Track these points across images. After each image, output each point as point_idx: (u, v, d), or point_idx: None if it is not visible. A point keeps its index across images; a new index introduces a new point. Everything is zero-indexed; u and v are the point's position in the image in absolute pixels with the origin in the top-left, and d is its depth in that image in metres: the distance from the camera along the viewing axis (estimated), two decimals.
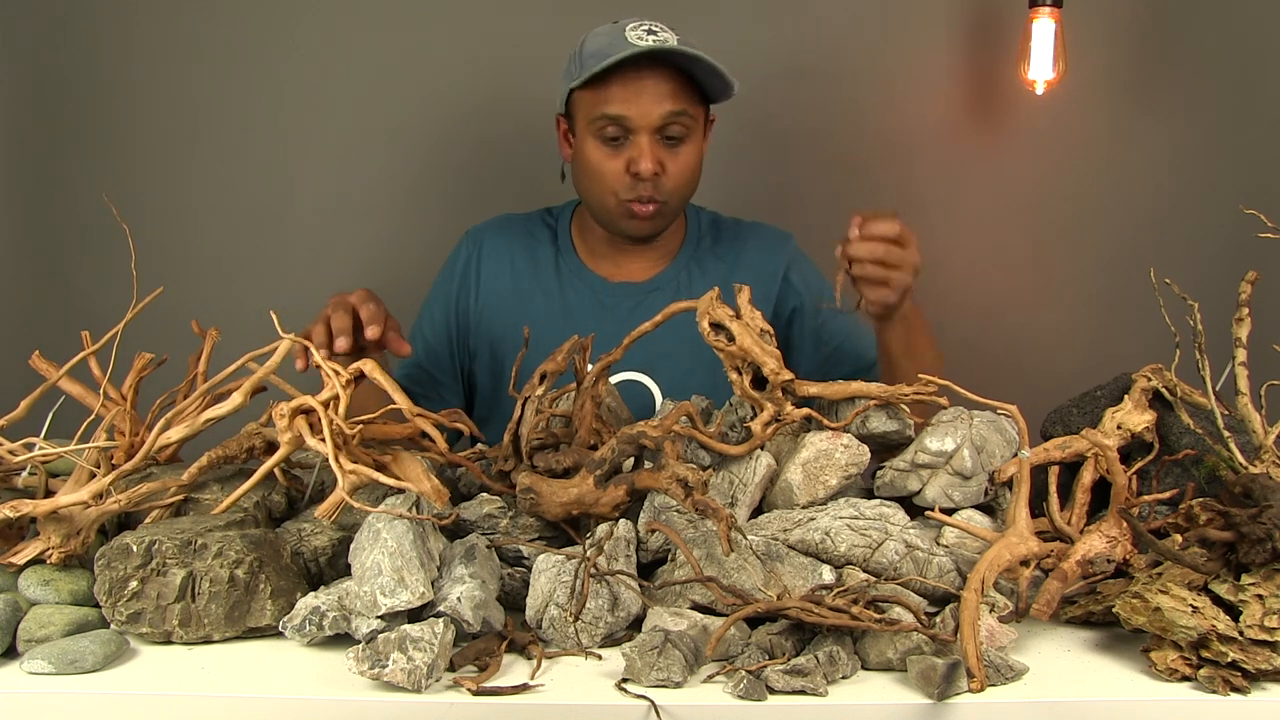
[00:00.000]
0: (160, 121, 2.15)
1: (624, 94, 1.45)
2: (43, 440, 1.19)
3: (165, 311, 1.26)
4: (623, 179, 1.48)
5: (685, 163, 1.50)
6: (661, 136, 1.47)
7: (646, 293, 1.59)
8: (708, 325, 1.20)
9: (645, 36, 1.44)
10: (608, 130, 1.47)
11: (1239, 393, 1.15)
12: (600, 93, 1.46)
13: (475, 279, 1.64)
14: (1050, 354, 2.18)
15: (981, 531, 1.06)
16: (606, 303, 1.58)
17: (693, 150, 1.51)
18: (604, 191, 1.51)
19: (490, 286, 1.63)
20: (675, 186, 1.51)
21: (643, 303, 1.57)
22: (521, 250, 1.65)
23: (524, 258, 1.64)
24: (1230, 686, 0.89)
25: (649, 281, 1.61)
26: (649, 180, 1.47)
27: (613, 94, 1.45)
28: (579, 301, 1.60)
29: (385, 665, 0.89)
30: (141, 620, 0.99)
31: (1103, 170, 2.20)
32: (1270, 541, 0.93)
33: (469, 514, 1.14)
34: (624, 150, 1.48)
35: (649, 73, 1.45)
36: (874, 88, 2.17)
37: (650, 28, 1.45)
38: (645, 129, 1.45)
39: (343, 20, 2.14)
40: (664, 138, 1.47)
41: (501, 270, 1.64)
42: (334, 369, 1.08)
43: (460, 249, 1.68)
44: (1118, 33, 2.16)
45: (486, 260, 1.65)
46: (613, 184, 1.49)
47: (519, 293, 1.62)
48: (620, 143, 1.47)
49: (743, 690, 0.88)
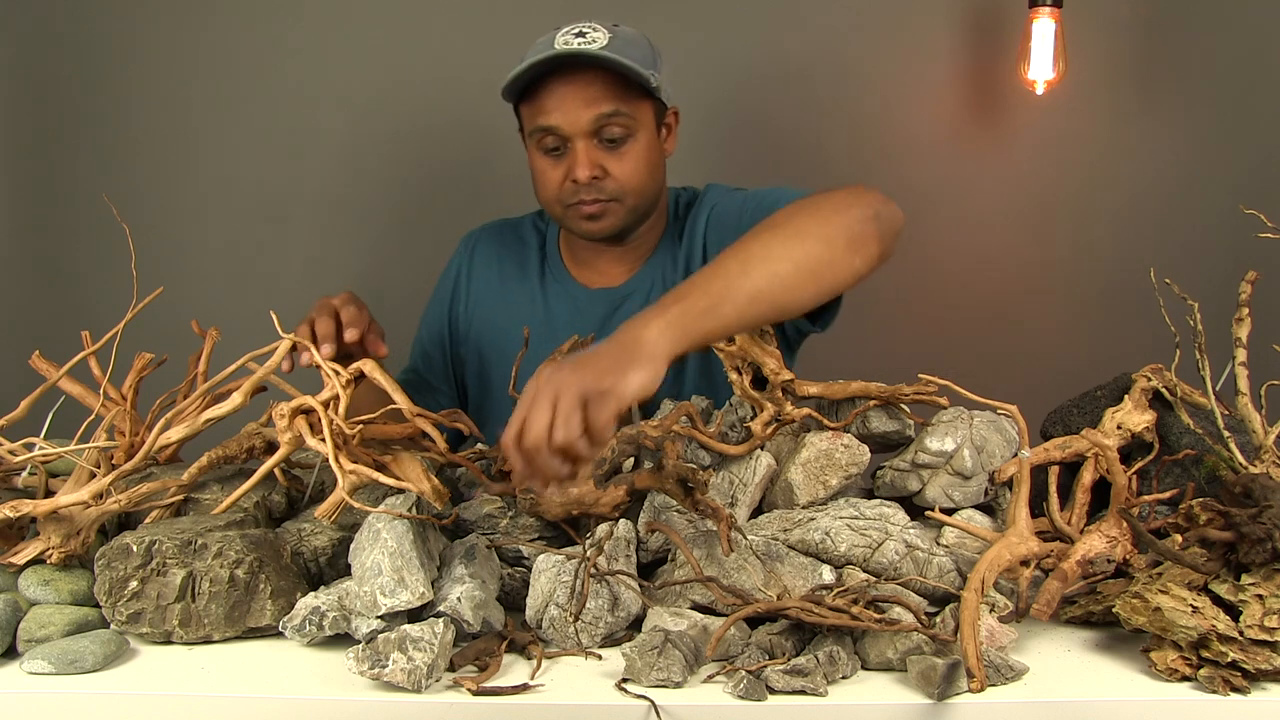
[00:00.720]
0: (160, 121, 2.15)
1: (553, 103, 1.40)
2: (43, 440, 1.19)
3: (165, 311, 1.26)
4: (565, 187, 1.44)
5: (631, 163, 1.44)
6: (600, 139, 1.42)
7: (622, 298, 1.55)
8: None
9: (572, 40, 1.38)
10: (546, 141, 1.43)
11: (1239, 393, 1.15)
12: (534, 105, 1.43)
13: (466, 287, 1.63)
14: (1050, 354, 2.18)
15: (981, 531, 1.06)
16: (585, 310, 1.55)
17: (640, 149, 1.45)
18: (551, 200, 1.48)
19: (479, 295, 1.62)
20: (621, 187, 1.45)
21: (619, 308, 1.53)
22: (511, 257, 1.63)
23: (512, 264, 1.62)
24: (1230, 686, 0.89)
25: (623, 286, 1.56)
26: (588, 185, 1.42)
27: (543, 104, 1.41)
28: (560, 309, 1.57)
29: (385, 665, 0.89)
30: (141, 620, 0.99)
31: (1102, 170, 2.20)
32: (1270, 541, 0.92)
33: (469, 514, 1.14)
34: (564, 160, 1.43)
35: (576, 77, 1.39)
36: (874, 88, 2.17)
37: (581, 29, 1.39)
38: (578, 134, 1.40)
39: (343, 20, 2.14)
40: (603, 140, 1.42)
41: (490, 277, 1.62)
42: (334, 369, 1.08)
43: (455, 256, 1.67)
44: (1118, 33, 2.16)
45: (477, 268, 1.63)
46: (555, 193, 1.46)
47: (506, 301, 1.60)
48: (560, 152, 1.43)
49: (743, 690, 0.88)
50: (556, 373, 0.92)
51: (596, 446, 0.91)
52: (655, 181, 1.50)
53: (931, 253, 2.19)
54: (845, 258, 1.08)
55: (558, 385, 0.90)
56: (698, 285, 1.01)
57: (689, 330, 0.97)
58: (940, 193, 2.19)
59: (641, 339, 0.95)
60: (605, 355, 0.94)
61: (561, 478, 0.91)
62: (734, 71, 1.52)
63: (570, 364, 0.93)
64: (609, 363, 0.92)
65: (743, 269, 1.02)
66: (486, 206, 1.83)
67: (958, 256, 2.19)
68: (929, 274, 2.18)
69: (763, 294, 1.02)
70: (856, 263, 1.08)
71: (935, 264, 2.19)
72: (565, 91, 1.40)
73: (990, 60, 2.16)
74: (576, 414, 0.89)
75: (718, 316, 1.00)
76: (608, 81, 1.40)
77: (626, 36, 1.42)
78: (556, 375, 0.91)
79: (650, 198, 1.51)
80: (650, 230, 1.57)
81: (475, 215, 1.76)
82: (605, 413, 0.90)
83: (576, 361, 0.93)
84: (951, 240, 2.19)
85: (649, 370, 0.93)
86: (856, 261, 1.08)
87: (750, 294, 1.01)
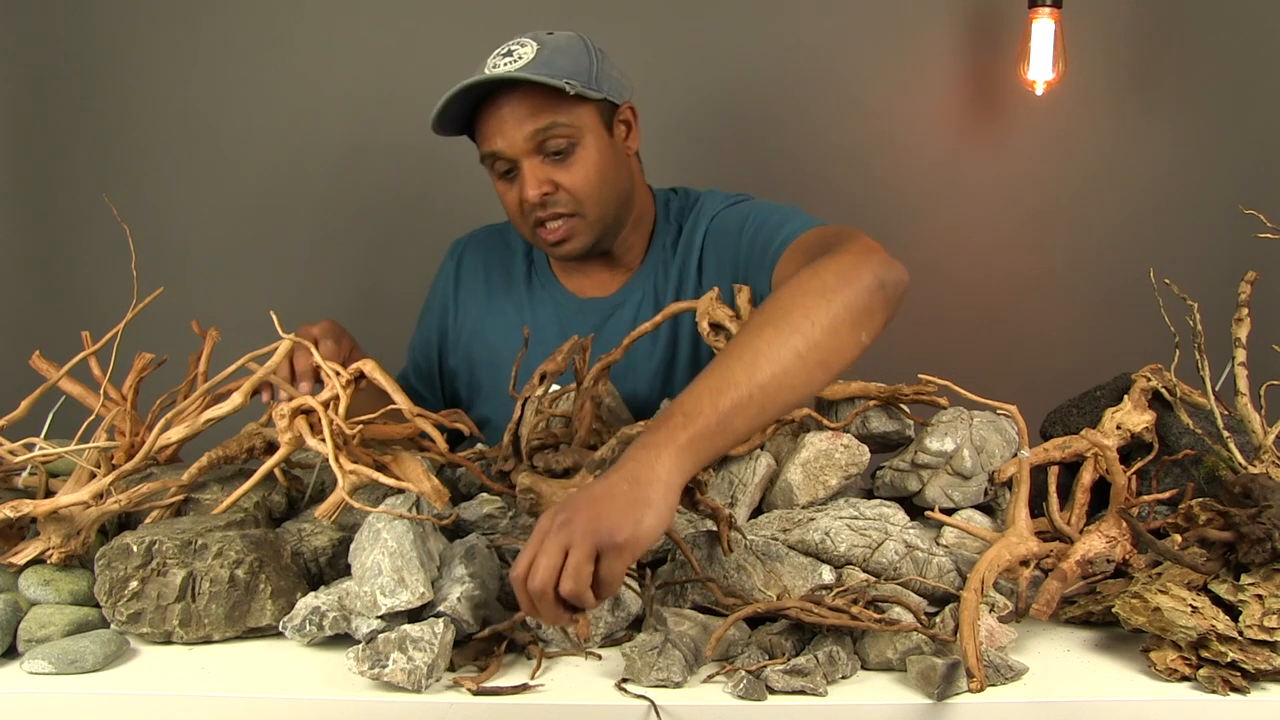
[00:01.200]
0: (160, 121, 2.16)
1: (491, 127, 1.38)
2: (43, 440, 1.19)
3: (165, 311, 1.26)
4: (524, 208, 1.41)
5: (581, 172, 1.39)
6: (545, 155, 1.38)
7: (614, 307, 1.52)
8: (708, 326, 1.20)
9: (499, 62, 1.36)
10: (498, 166, 1.41)
11: (1239, 393, 1.15)
12: (479, 132, 1.41)
13: (454, 298, 1.61)
14: (1050, 354, 2.18)
15: (981, 531, 1.06)
16: (574, 320, 1.52)
17: (589, 157, 1.40)
18: (518, 224, 1.46)
19: (467, 306, 1.60)
20: (575, 198, 1.40)
21: (610, 318, 1.51)
22: (498, 264, 1.60)
23: (499, 274, 1.60)
24: (1230, 686, 0.89)
25: (615, 296, 1.53)
26: (540, 203, 1.39)
27: (484, 131, 1.40)
28: (548, 318, 1.54)
29: (385, 665, 0.89)
30: (142, 620, 0.99)
31: (1102, 170, 2.20)
32: (1270, 541, 0.93)
33: (469, 514, 1.14)
34: (516, 181, 1.41)
35: (506, 98, 1.36)
36: (874, 88, 2.17)
37: (510, 48, 1.38)
38: (521, 154, 1.38)
39: (343, 20, 2.14)
40: (548, 155, 1.38)
41: (477, 288, 1.60)
42: (334, 369, 1.08)
43: (443, 266, 1.66)
44: (1118, 33, 2.16)
45: (465, 279, 1.62)
46: (517, 216, 1.44)
47: (493, 310, 1.58)
48: (512, 175, 1.41)
49: (743, 690, 0.88)
50: (572, 517, 0.88)
51: (605, 597, 0.89)
52: (614, 185, 1.44)
53: (931, 253, 2.19)
54: (851, 338, 1.04)
55: (571, 534, 0.87)
56: (705, 402, 0.96)
57: (700, 456, 0.95)
58: (940, 193, 2.19)
59: (655, 477, 0.91)
60: (619, 496, 0.90)
61: (564, 624, 0.90)
62: (733, 71, 1.53)
63: (585, 504, 0.89)
64: (624, 506, 0.89)
65: (749, 375, 0.98)
66: (485, 207, 1.82)
67: (957, 256, 2.19)
68: (928, 274, 2.18)
69: (772, 399, 0.98)
70: (863, 338, 1.05)
71: (935, 264, 2.19)
72: (499, 114, 1.37)
73: (990, 60, 2.16)
74: (588, 566, 0.87)
75: (729, 433, 0.96)
76: (538, 96, 1.36)
77: (555, 44, 1.38)
78: (572, 521, 0.88)
79: (613, 203, 1.44)
80: (635, 235, 1.52)
81: (475, 216, 1.76)
82: (619, 566, 0.88)
83: (590, 500, 0.90)
84: (951, 240, 2.19)
85: (664, 512, 0.91)
86: (863, 337, 1.05)
87: (761, 403, 0.97)
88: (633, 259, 1.53)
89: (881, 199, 2.19)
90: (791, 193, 2.13)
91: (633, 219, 1.50)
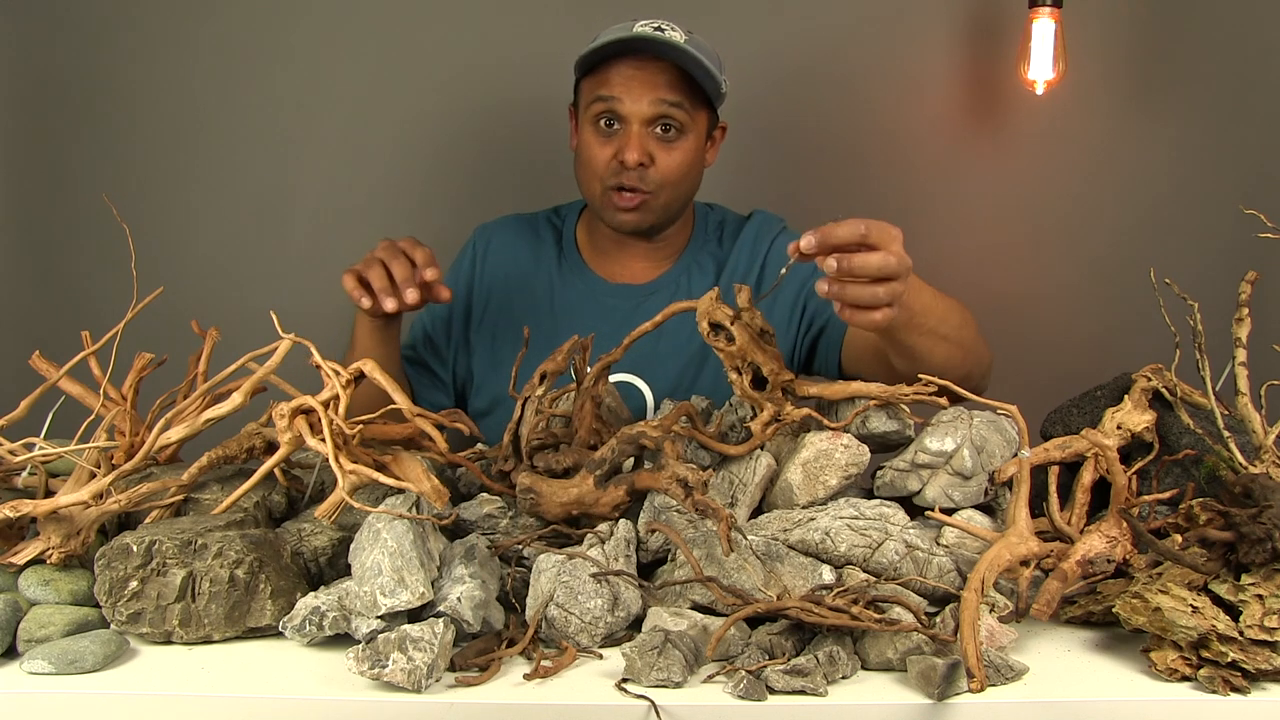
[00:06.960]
0: (160, 121, 2.15)
1: (619, 80, 1.48)
2: (43, 440, 1.19)
3: (165, 311, 1.26)
4: (610, 165, 1.50)
5: (677, 159, 1.51)
6: (655, 130, 1.49)
7: (646, 294, 1.59)
8: (707, 326, 1.20)
9: (651, 31, 1.46)
10: (602, 116, 1.49)
11: (1239, 393, 1.15)
12: (600, 78, 1.50)
13: (481, 273, 1.66)
14: (1050, 354, 2.18)
15: (981, 531, 1.06)
16: (605, 304, 1.59)
17: (687, 149, 1.52)
18: (592, 177, 1.53)
19: (493, 283, 1.65)
20: (663, 180, 1.51)
21: (642, 305, 1.57)
22: (526, 249, 1.66)
23: (528, 257, 1.65)
24: (1230, 686, 0.89)
25: (650, 284, 1.61)
26: (634, 170, 1.49)
27: (610, 79, 1.49)
28: (578, 302, 1.60)
29: (385, 665, 0.89)
30: (141, 620, 0.99)
31: (1103, 170, 2.20)
32: (1270, 541, 0.93)
33: (469, 514, 1.14)
34: (615, 139, 1.50)
35: (648, 64, 1.48)
36: (874, 88, 2.17)
37: (660, 25, 1.48)
38: (636, 117, 1.48)
39: (345, 19, 2.14)
40: (658, 131, 1.49)
41: (505, 268, 1.65)
42: (334, 369, 1.08)
43: (469, 245, 1.70)
44: (1118, 33, 2.16)
45: (493, 257, 1.67)
46: (600, 170, 1.51)
47: (522, 291, 1.63)
48: (613, 131, 1.50)
49: (743, 690, 0.88)
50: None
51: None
52: (691, 184, 1.56)
53: (931, 252, 2.16)
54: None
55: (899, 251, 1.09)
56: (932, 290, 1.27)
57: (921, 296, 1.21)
58: (940, 192, 2.19)
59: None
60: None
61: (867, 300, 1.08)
62: (733, 71, 1.53)
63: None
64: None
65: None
66: (491, 206, 1.83)
67: (957, 256, 2.19)
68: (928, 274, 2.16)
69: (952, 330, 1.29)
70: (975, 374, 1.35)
71: (935, 264, 2.17)
72: (635, 74, 1.47)
73: (990, 60, 2.16)
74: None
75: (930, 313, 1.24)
76: (676, 76, 1.47)
77: (698, 42, 1.50)
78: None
79: (683, 199, 1.56)
80: (678, 233, 1.62)
81: (479, 215, 1.76)
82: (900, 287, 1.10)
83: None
84: (951, 240, 2.19)
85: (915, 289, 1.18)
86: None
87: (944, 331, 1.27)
88: (669, 254, 1.63)
89: (881, 198, 2.19)
90: (792, 192, 2.14)
91: (682, 219, 1.62)
